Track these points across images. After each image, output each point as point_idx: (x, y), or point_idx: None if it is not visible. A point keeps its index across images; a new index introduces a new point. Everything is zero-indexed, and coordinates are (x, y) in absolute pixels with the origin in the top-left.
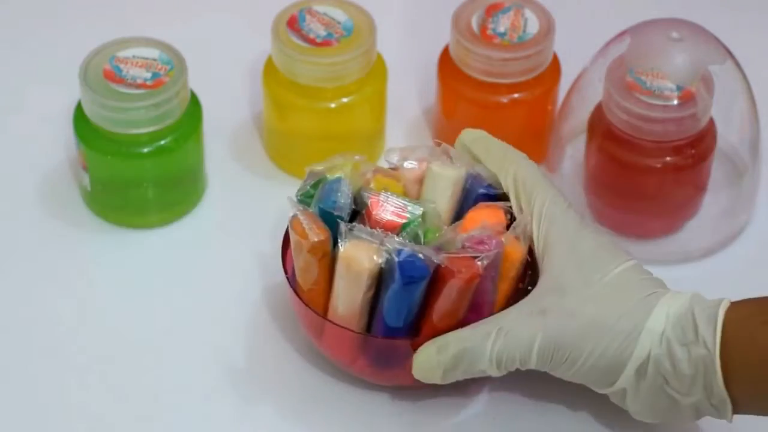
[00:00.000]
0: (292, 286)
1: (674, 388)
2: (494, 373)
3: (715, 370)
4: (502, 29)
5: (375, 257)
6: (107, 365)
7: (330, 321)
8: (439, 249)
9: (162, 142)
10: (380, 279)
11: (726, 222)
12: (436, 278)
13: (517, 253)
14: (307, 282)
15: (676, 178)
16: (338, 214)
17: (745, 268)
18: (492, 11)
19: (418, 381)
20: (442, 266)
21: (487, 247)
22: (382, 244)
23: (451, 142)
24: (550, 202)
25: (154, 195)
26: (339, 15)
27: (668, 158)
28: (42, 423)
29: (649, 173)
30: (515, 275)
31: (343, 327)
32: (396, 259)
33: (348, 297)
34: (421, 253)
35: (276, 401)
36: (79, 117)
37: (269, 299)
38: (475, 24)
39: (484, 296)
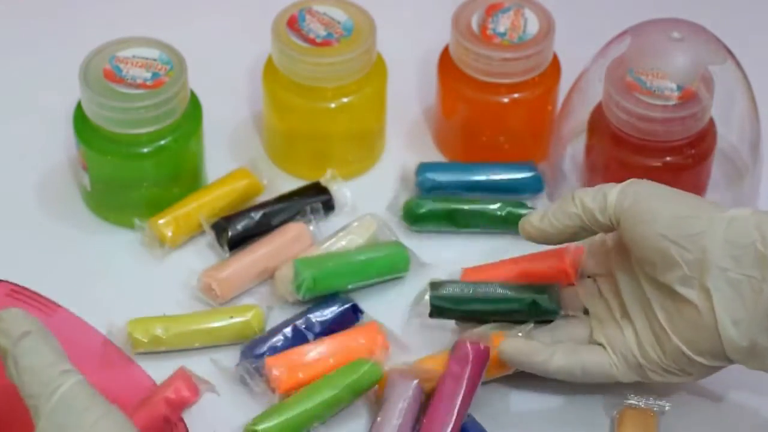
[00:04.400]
0: None
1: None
2: None
3: None
4: (502, 29)
5: None
6: None
7: None
8: None
9: (162, 142)
10: None
11: None
12: None
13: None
14: None
15: (676, 178)
16: None
17: None
18: (492, 11)
19: None
20: None
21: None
22: None
23: (451, 142)
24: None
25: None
26: (339, 15)
27: (668, 158)
28: None
29: (649, 173)
30: None
31: None
32: None
33: None
34: None
35: None
36: (79, 117)
37: (269, 298)
38: (475, 24)
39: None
